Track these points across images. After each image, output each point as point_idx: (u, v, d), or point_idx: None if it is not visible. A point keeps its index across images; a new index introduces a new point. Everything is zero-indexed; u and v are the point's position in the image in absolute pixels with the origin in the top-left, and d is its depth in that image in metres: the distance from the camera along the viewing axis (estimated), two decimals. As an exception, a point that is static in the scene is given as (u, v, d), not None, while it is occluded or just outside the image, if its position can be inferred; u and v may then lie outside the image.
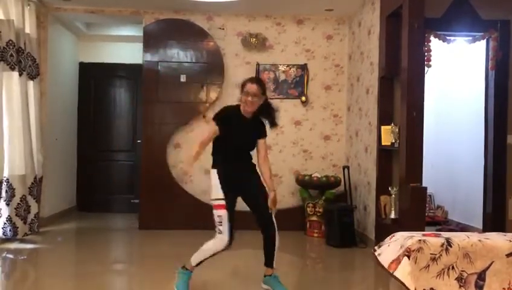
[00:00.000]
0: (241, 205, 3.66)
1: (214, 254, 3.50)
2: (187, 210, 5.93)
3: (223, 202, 3.43)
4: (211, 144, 3.62)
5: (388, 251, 2.60)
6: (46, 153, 5.83)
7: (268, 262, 3.64)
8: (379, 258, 2.62)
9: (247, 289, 3.86)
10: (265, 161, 3.64)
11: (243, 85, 3.54)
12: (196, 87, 6.10)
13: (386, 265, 2.52)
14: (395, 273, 2.48)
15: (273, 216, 3.63)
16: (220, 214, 3.42)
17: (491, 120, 4.84)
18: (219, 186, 3.46)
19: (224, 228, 3.39)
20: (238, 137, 3.55)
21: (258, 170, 3.67)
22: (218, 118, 3.55)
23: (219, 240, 3.43)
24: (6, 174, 4.98)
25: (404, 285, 2.43)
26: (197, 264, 3.56)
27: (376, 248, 2.87)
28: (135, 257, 5.09)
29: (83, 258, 4.73)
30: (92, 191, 7.17)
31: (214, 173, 3.53)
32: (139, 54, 6.23)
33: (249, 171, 3.63)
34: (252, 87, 3.48)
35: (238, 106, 3.60)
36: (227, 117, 3.55)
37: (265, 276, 3.67)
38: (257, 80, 3.67)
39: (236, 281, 4.05)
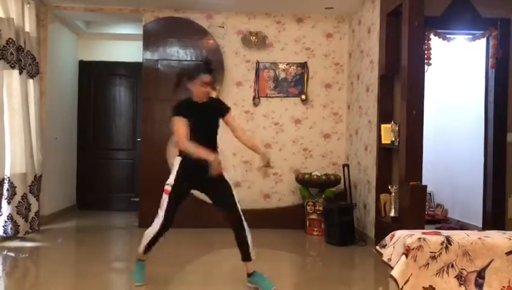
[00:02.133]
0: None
1: (155, 237, 3.64)
2: (187, 209, 5.89)
3: (169, 188, 3.61)
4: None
5: (396, 254, 2.60)
6: (46, 152, 5.83)
7: (245, 257, 3.62)
8: (390, 263, 2.62)
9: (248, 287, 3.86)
10: (241, 133, 3.71)
11: (196, 76, 3.58)
12: (196, 85, 6.09)
13: None
14: (391, 272, 2.49)
15: (241, 215, 3.59)
16: (164, 198, 3.62)
17: (491, 118, 4.84)
18: (175, 174, 3.62)
19: (161, 212, 3.60)
20: (199, 121, 3.58)
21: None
22: (179, 110, 3.61)
23: (156, 221, 3.62)
24: (7, 172, 4.98)
25: (396, 282, 2.44)
26: (145, 251, 3.69)
27: (378, 247, 2.88)
28: (135, 255, 5.08)
29: (84, 257, 4.74)
30: (92, 189, 7.18)
31: (177, 160, 3.65)
32: (138, 52, 6.22)
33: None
34: (208, 78, 3.59)
35: (188, 98, 3.69)
36: (184, 108, 3.62)
37: (248, 275, 3.66)
38: (210, 70, 3.68)
39: (238, 279, 4.04)
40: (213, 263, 4.65)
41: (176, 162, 3.66)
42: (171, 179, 3.63)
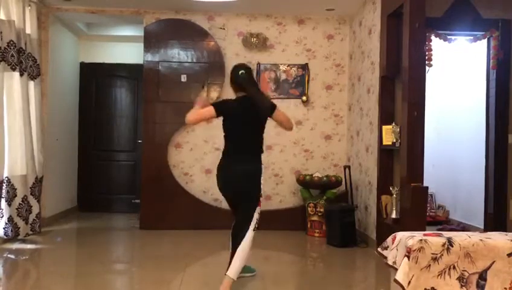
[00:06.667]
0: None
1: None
2: (188, 210, 5.94)
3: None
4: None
5: (400, 256, 2.59)
6: (47, 154, 5.83)
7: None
8: (396, 266, 2.61)
9: (252, 286, 3.86)
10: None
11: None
12: (197, 87, 6.09)
13: None
14: (396, 277, 2.48)
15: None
16: (259, 212, 3.51)
17: (492, 119, 4.83)
18: (262, 184, 3.54)
19: (254, 226, 3.49)
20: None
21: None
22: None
23: (253, 235, 3.47)
24: (7, 174, 4.99)
25: (402, 286, 2.43)
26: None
27: (380, 249, 2.87)
28: (136, 257, 5.09)
29: (85, 258, 4.73)
30: (93, 191, 7.19)
31: (263, 169, 3.56)
32: (139, 54, 6.23)
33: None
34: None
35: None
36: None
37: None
38: (246, 67, 3.72)
39: (238, 281, 4.03)
40: (213, 264, 4.64)
41: (262, 173, 3.55)
42: (261, 190, 3.54)
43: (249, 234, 3.45)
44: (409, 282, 2.44)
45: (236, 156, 3.53)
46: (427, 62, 4.44)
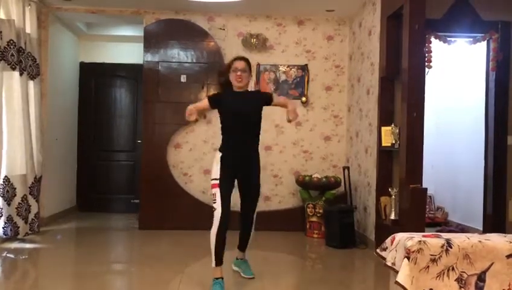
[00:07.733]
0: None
1: (218, 237, 3.60)
2: (187, 210, 5.94)
3: (217, 182, 3.65)
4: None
5: (399, 257, 2.59)
6: (47, 153, 5.83)
7: (243, 247, 4.03)
8: (395, 267, 2.61)
9: (251, 287, 3.86)
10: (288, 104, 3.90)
11: (230, 65, 3.82)
12: (197, 87, 6.11)
13: None
14: (396, 279, 2.48)
15: (254, 218, 3.90)
16: (214, 192, 3.65)
17: (492, 121, 4.84)
18: (218, 168, 3.69)
19: (218, 204, 3.59)
20: (238, 107, 3.74)
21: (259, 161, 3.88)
22: (211, 96, 3.90)
23: (215, 216, 3.60)
24: (6, 173, 4.98)
25: (404, 288, 2.43)
26: (216, 263, 3.67)
27: (378, 250, 2.87)
28: (135, 257, 5.08)
29: (84, 258, 4.73)
30: (92, 191, 7.19)
31: (217, 155, 3.76)
32: (139, 54, 6.23)
33: (252, 158, 3.83)
34: (240, 64, 3.78)
35: (229, 88, 3.84)
36: (219, 96, 3.85)
37: (237, 259, 4.09)
38: (243, 57, 3.92)
39: (237, 281, 4.04)
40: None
41: (215, 157, 3.78)
42: (216, 174, 3.69)
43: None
44: (410, 283, 2.44)
45: None
46: (426, 64, 4.45)
